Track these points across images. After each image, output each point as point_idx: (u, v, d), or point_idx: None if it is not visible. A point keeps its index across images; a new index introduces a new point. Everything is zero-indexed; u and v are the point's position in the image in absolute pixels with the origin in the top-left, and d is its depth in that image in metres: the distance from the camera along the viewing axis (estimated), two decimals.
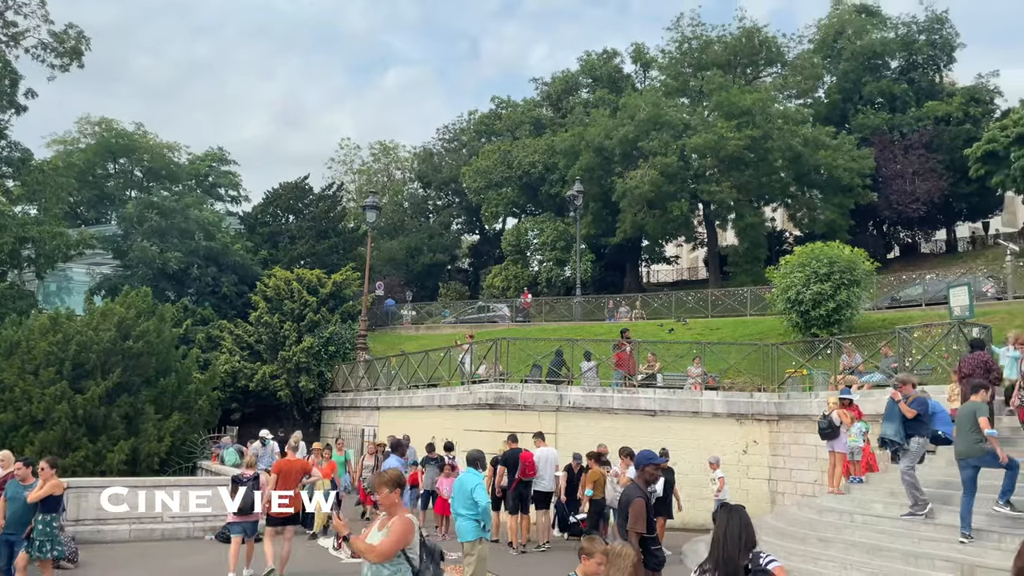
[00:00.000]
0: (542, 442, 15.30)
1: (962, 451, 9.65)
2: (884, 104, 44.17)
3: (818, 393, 17.13)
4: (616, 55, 51.86)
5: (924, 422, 10.84)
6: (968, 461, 9.54)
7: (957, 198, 41.63)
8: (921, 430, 10.75)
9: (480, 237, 58.11)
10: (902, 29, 45.29)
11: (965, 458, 9.60)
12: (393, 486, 5.29)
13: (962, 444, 9.65)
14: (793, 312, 22.20)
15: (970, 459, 9.50)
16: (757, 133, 37.62)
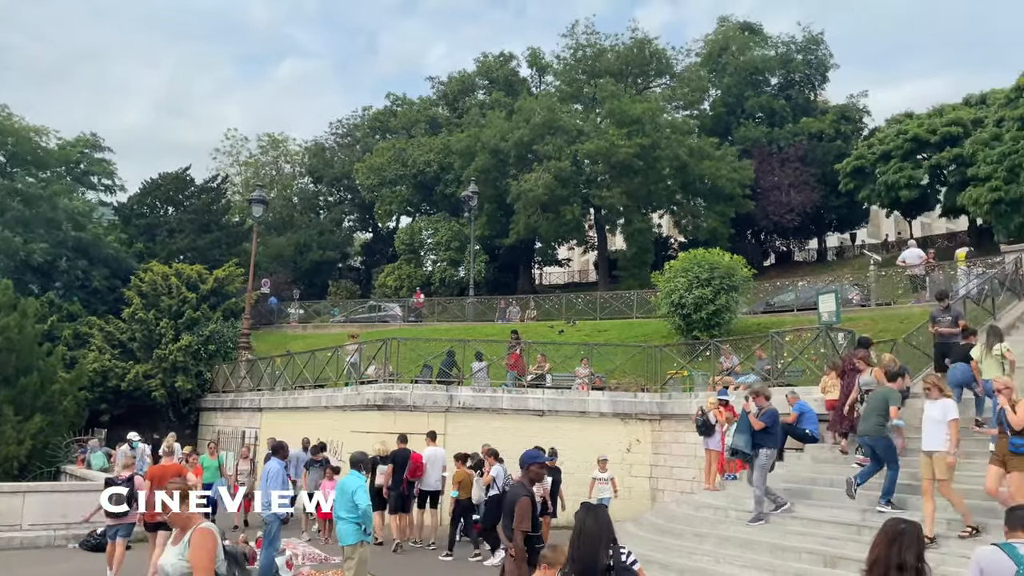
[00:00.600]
0: (432, 442, 15.27)
1: (864, 431, 10.56)
2: (764, 118, 46.44)
3: (698, 393, 17.75)
4: (513, 58, 52.27)
5: (772, 433, 11.42)
6: (865, 440, 10.57)
7: (828, 210, 44.20)
8: (769, 441, 11.32)
9: (373, 235, 57.25)
10: (782, 48, 47.76)
11: (863, 436, 10.56)
12: None
13: (865, 425, 10.57)
14: (676, 315, 22.94)
15: (867, 438, 10.50)
16: (646, 142, 38.75)
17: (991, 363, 11.32)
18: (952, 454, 9.30)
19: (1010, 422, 8.58)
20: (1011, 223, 32.17)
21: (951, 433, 9.26)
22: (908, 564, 4.04)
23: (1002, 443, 8.76)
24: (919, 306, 20.76)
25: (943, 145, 36.28)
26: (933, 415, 9.47)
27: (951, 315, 13.44)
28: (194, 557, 4.55)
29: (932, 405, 9.59)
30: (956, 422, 9.35)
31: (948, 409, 9.39)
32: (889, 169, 37.34)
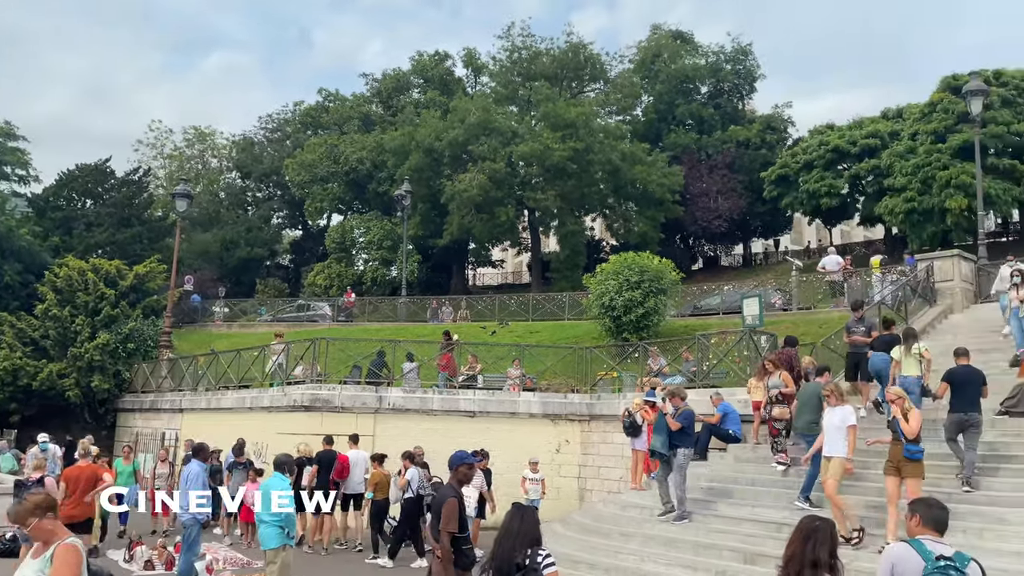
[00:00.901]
0: (355, 445, 15.14)
1: (799, 427, 11.45)
2: (694, 126, 47.49)
3: (626, 394, 17.98)
4: (448, 58, 52.09)
5: (689, 434, 11.66)
6: (802, 435, 11.35)
7: (754, 216, 45.47)
8: (686, 442, 11.56)
9: (303, 233, 56.20)
10: (712, 58, 48.93)
11: (799, 432, 11.37)
12: (42, 512, 4.46)
13: (800, 422, 11.45)
14: (607, 317, 23.21)
15: (803, 434, 11.31)
16: (580, 145, 39.13)
17: (910, 361, 11.90)
18: (850, 460, 9.74)
19: (904, 431, 9.02)
20: (924, 232, 33.68)
21: (849, 439, 9.68)
22: (822, 561, 4.18)
23: (896, 450, 9.15)
24: (837, 311, 21.52)
25: (862, 156, 37.73)
26: (833, 421, 9.89)
27: (864, 325, 13.76)
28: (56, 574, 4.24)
29: (832, 412, 10.00)
30: (854, 428, 9.78)
31: (847, 416, 9.81)
32: (811, 178, 38.65)
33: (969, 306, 18.80)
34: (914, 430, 9.03)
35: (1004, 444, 10.91)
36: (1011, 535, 8.72)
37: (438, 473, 14.05)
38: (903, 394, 9.45)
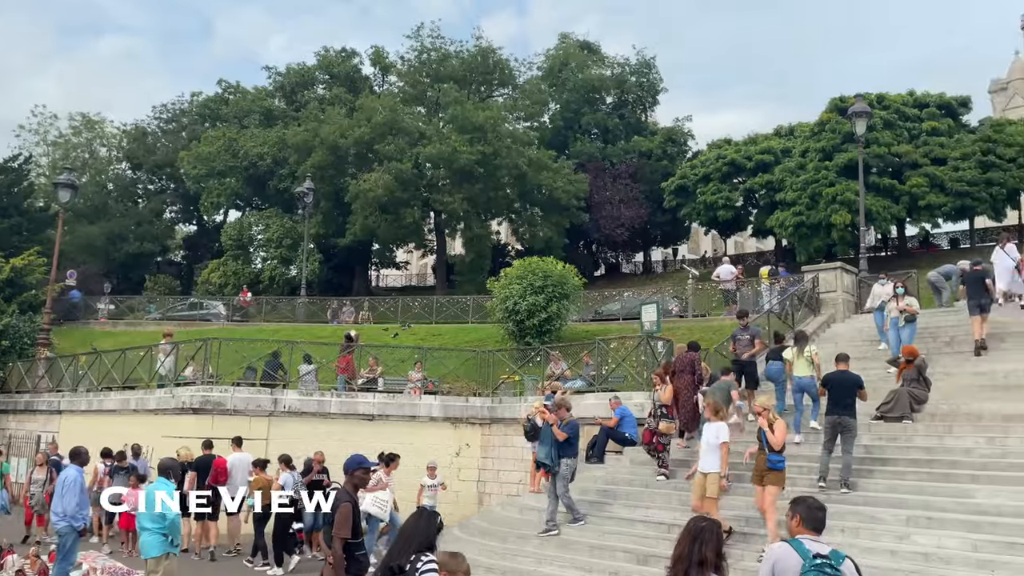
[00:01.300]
0: (238, 448, 14.69)
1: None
2: (599, 135, 48.42)
3: (527, 398, 18.08)
4: (356, 55, 51.24)
5: (574, 444, 11.83)
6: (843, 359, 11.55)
7: (654, 225, 46.70)
8: (570, 452, 11.72)
9: (198, 228, 54.04)
10: (617, 69, 50.03)
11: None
12: None
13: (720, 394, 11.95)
14: (510, 321, 23.30)
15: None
16: (488, 150, 39.23)
17: (802, 363, 12.63)
18: (724, 476, 10.06)
19: (770, 442, 9.43)
20: (811, 245, 35.43)
21: (722, 455, 10.01)
22: (708, 560, 4.30)
23: (761, 460, 9.58)
24: (730, 318, 22.27)
25: (756, 171, 39.37)
26: (708, 438, 10.22)
27: (749, 333, 14.22)
28: None
29: (708, 428, 10.33)
30: (726, 445, 10.11)
31: (720, 432, 10.14)
32: (709, 190, 40.07)
33: (850, 316, 19.83)
34: (779, 441, 9.42)
35: (879, 448, 11.54)
36: (883, 533, 9.22)
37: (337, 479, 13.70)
38: (769, 405, 9.85)
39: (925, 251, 39.77)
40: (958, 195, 33.91)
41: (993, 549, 8.32)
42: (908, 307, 14.80)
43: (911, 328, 14.67)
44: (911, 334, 14.57)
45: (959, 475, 10.11)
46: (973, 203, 34.44)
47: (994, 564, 8.06)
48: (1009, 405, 11.65)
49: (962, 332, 15.85)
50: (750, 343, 13.94)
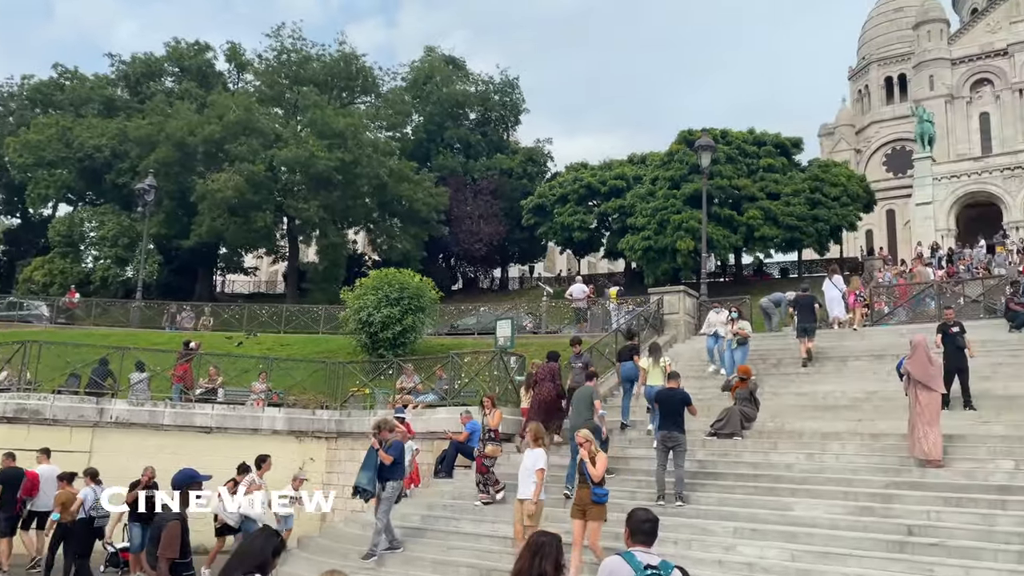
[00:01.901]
0: (46, 459, 13.51)
1: (575, 424, 11.68)
2: (461, 150, 48.73)
3: (377, 411, 17.73)
4: (209, 49, 48.91)
5: (399, 465, 11.59)
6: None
7: (512, 242, 47.45)
8: (396, 474, 11.46)
9: (22, 222, 49.57)
10: (481, 87, 50.61)
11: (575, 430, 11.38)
12: None
13: (576, 420, 11.91)
14: (363, 333, 22.82)
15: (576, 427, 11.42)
16: (348, 157, 38.47)
17: (656, 372, 13.36)
18: (535, 502, 9.97)
19: (591, 474, 9.27)
20: (658, 268, 37.15)
21: (537, 482, 9.98)
22: (547, 573, 4.31)
23: (583, 493, 9.37)
24: (580, 335, 22.90)
25: (610, 195, 40.91)
26: (526, 464, 10.28)
27: (582, 362, 14.04)
28: None
29: (528, 454, 10.38)
30: (542, 472, 10.08)
31: (538, 459, 10.16)
32: (566, 211, 41.21)
33: (691, 337, 20.87)
34: (599, 473, 9.26)
35: (711, 462, 12.14)
36: (713, 544, 9.68)
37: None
38: (591, 437, 9.69)
39: (759, 279, 42.69)
40: (789, 228, 36.66)
41: (809, 559, 8.92)
42: (741, 330, 15.79)
43: (743, 350, 15.63)
44: (743, 355, 15.52)
45: (781, 489, 10.79)
46: (801, 236, 37.34)
47: (810, 573, 8.64)
48: (827, 424, 12.60)
49: (788, 355, 17.07)
50: (583, 370, 13.84)
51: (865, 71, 62.89)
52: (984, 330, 15.92)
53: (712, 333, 16.74)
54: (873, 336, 17.78)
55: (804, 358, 16.07)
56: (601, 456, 9.58)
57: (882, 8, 64.53)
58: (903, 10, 60.59)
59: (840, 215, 37.83)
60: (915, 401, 10.78)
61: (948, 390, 12.27)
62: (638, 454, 13.02)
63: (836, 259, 44.09)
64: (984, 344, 14.37)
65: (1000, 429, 11.20)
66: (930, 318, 18.63)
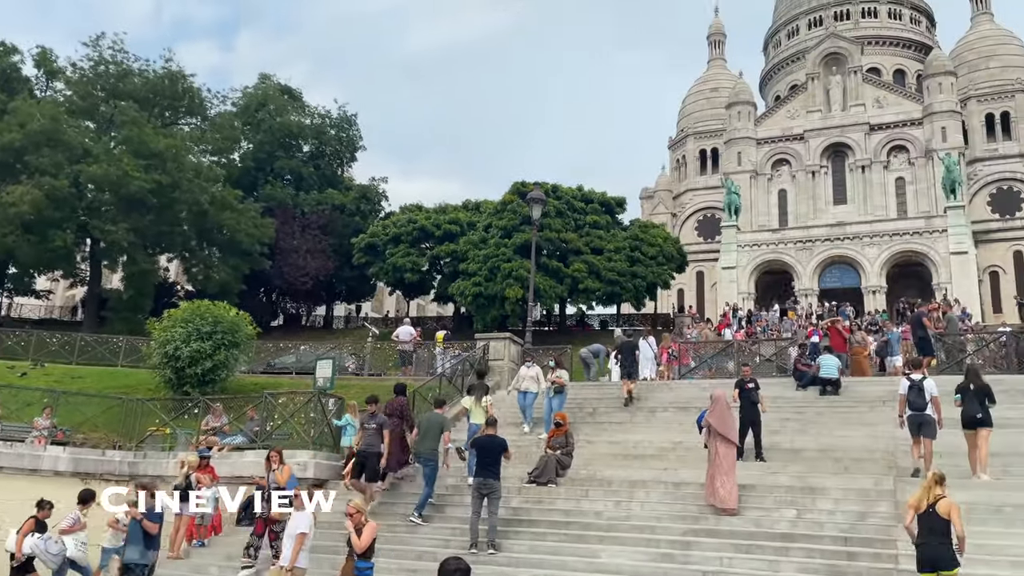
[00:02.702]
0: None
1: (422, 451, 12.35)
2: (292, 181, 47.32)
3: (177, 452, 16.50)
4: (16, 52, 44.59)
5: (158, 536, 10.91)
6: (425, 458, 12.28)
7: (340, 280, 46.39)
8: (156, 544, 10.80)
9: None
10: (317, 120, 49.67)
11: (422, 456, 12.35)
12: None
13: (424, 446, 12.38)
14: (168, 367, 21.29)
15: (424, 457, 12.31)
16: (166, 180, 36.21)
17: (478, 411, 13.90)
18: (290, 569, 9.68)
19: (354, 545, 8.95)
20: (487, 315, 37.62)
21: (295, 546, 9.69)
22: None
23: (348, 567, 9.11)
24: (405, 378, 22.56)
25: (443, 239, 41.14)
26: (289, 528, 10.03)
27: (376, 423, 12.89)
28: None
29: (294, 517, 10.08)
30: (303, 536, 9.77)
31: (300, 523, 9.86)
32: (398, 252, 40.92)
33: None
34: (363, 545, 8.87)
35: (525, 510, 12.25)
36: None
37: None
38: (362, 508, 9.34)
39: (581, 329, 44.31)
40: (610, 283, 38.48)
41: None
42: (558, 379, 16.23)
43: (560, 398, 16.03)
44: (560, 403, 15.90)
45: (590, 536, 11.04)
46: (621, 291, 39.29)
47: None
48: (635, 472, 13.11)
49: (604, 404, 17.70)
50: (377, 432, 12.74)
51: (683, 142, 67.94)
52: (775, 387, 17.29)
53: (523, 388, 16.37)
54: (680, 389, 18.86)
55: (626, 398, 17.05)
56: (370, 526, 9.16)
57: (700, 87, 70.30)
58: (718, 91, 66.29)
59: (656, 273, 40.24)
60: (714, 452, 11.47)
61: (743, 442, 13.21)
62: (454, 500, 12.89)
63: (650, 314, 46.81)
64: (775, 400, 15.60)
65: (786, 480, 12.12)
66: (730, 374, 20.07)
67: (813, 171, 53.87)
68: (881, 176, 52.20)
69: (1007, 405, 12.95)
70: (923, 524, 7.99)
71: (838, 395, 16.55)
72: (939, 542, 7.84)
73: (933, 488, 8.07)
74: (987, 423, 11.40)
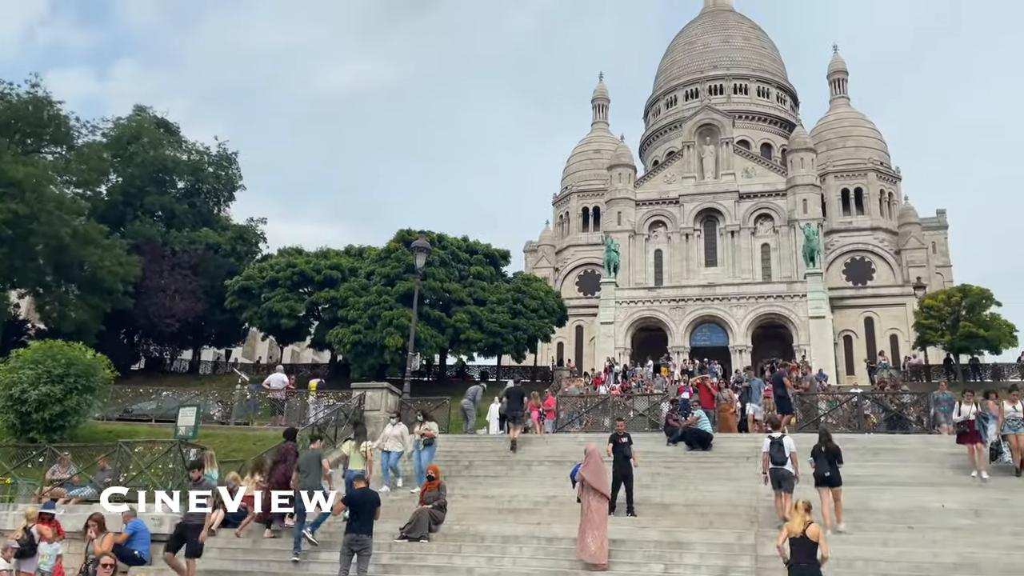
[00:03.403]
0: None
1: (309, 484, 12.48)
2: (163, 218, 45.17)
3: (17, 504, 15.15)
4: None
5: None
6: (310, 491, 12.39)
7: (210, 323, 44.34)
8: None
9: None
10: (195, 156, 47.80)
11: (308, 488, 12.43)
12: None
13: (307, 482, 12.57)
14: (12, 412, 19.67)
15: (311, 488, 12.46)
16: (24, 210, 33.76)
17: (357, 457, 14.27)
18: None
19: None
20: (365, 363, 36.83)
21: None
22: None
23: None
24: (274, 429, 21.70)
25: (324, 285, 40.20)
26: None
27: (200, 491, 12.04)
28: None
29: None
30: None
31: None
32: (274, 296, 39.60)
33: None
34: None
35: (396, 567, 11.89)
36: None
37: None
38: None
39: (461, 380, 44.10)
40: (492, 334, 38.62)
41: None
42: (427, 431, 16.06)
43: (430, 450, 15.81)
44: (430, 456, 15.65)
45: None
46: (503, 343, 39.48)
47: None
48: (508, 527, 13.02)
49: (480, 457, 17.59)
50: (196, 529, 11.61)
51: (567, 199, 69.93)
52: (648, 442, 17.73)
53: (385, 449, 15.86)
54: (556, 442, 19.01)
55: (512, 441, 17.82)
56: None
57: (584, 148, 72.90)
58: (601, 152, 68.91)
59: (537, 326, 40.75)
60: (587, 507, 11.57)
61: (615, 496, 13.40)
62: (321, 558, 12.37)
63: (530, 366, 47.26)
64: (646, 455, 15.97)
65: (655, 534, 12.34)
66: (605, 428, 20.44)
67: (687, 233, 56.52)
68: (749, 241, 55.40)
69: (857, 463, 13.76)
70: (795, 546, 9.23)
71: (706, 450, 17.13)
72: (808, 563, 9.11)
73: (804, 515, 9.38)
74: (836, 482, 12.32)
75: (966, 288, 40.22)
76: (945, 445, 16.06)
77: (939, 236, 64.92)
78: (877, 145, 65.58)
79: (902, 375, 37.07)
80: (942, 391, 19.27)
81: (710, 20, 75.71)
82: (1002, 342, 38.35)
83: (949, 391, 19.42)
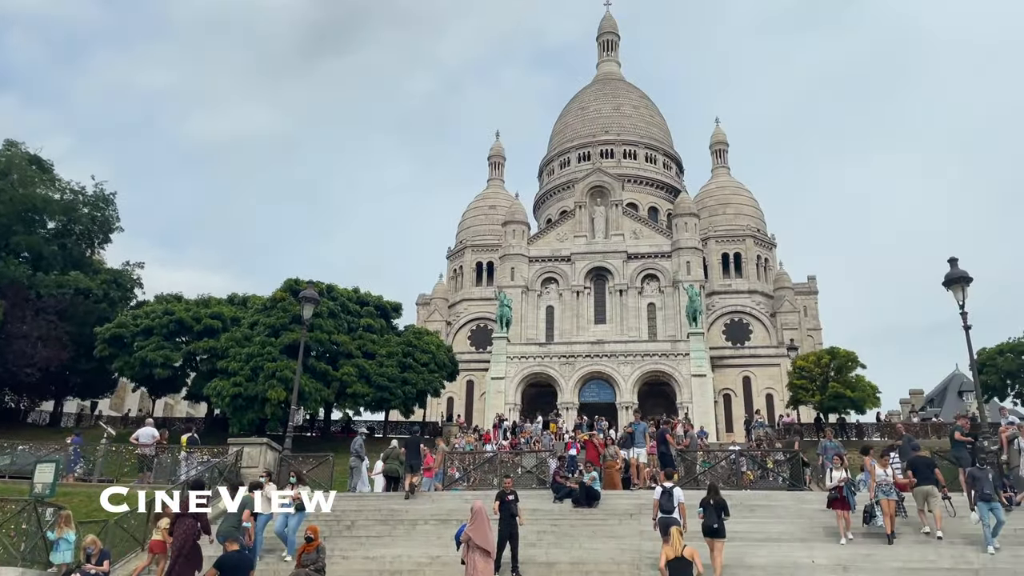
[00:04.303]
0: None
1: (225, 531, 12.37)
2: (30, 259, 42.24)
3: None
4: None
5: None
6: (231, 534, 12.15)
7: (75, 372, 41.46)
8: None
9: None
10: (69, 195, 45.16)
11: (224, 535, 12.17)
12: None
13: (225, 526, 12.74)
14: None
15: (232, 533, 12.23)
16: None
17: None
18: None
19: None
20: (245, 417, 35.20)
21: None
22: None
23: None
24: (141, 486, 20.29)
25: (203, 334, 38.38)
26: None
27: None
28: None
29: None
30: None
31: None
32: (149, 345, 37.44)
33: None
34: None
35: None
36: None
37: None
38: None
39: (345, 435, 42.82)
40: (380, 388, 37.81)
41: None
42: (297, 495, 15.34)
43: (300, 515, 15.02)
44: (298, 521, 14.82)
45: None
46: (391, 397, 38.70)
47: None
48: None
49: (363, 517, 16.98)
50: None
51: (461, 253, 70.31)
52: (535, 499, 17.62)
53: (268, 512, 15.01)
54: (442, 500, 18.62)
55: (407, 491, 18.60)
56: None
57: (479, 203, 73.85)
58: (496, 208, 69.97)
59: (427, 380, 40.23)
60: (472, 566, 11.32)
61: (500, 555, 13.17)
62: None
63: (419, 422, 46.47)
64: (533, 512, 15.85)
65: None
66: (492, 486, 20.20)
67: (578, 291, 57.75)
68: (636, 300, 57.13)
69: (735, 519, 14.10)
70: (674, 567, 10.83)
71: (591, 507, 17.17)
72: None
73: (680, 540, 11.11)
74: (721, 534, 12.81)
75: (834, 351, 42.66)
76: (816, 502, 16.70)
77: (810, 300, 68.97)
78: (754, 213, 69.58)
79: (776, 433, 38.67)
80: (829, 439, 19.94)
81: (602, 87, 79.07)
82: (866, 402, 40.76)
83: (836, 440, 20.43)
